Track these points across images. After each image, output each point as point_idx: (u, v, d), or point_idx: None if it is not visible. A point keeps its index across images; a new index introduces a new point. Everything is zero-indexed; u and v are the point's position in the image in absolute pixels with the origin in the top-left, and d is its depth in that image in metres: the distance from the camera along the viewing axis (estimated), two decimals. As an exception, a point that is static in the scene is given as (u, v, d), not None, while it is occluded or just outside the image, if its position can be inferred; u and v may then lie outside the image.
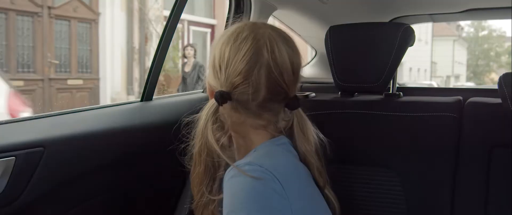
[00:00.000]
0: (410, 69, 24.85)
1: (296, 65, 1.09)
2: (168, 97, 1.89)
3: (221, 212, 1.04)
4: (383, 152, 1.57)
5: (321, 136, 1.17)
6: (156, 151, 1.65)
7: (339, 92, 1.77)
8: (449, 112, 1.53)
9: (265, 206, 0.97)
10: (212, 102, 1.09)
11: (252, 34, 1.07)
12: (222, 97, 1.06)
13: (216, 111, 1.09)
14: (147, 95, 1.69)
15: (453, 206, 1.48)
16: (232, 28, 1.12)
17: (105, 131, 1.48)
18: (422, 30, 25.57)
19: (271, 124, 1.11)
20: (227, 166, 1.07)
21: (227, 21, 1.94)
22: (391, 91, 1.73)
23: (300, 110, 1.13)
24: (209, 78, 1.13)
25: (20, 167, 1.23)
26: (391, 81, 1.68)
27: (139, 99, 1.71)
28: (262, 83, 1.05)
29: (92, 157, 1.43)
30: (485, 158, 1.46)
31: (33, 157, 1.27)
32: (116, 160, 1.51)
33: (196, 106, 1.81)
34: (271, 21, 1.98)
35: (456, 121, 1.52)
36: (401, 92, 1.72)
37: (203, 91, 1.98)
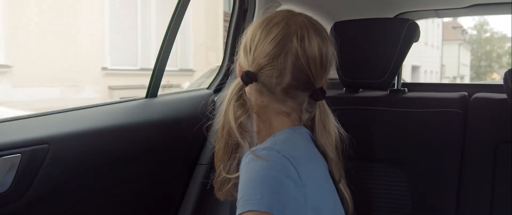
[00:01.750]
0: (425, 71, 27.06)
1: (325, 57, 1.10)
2: (173, 94, 1.89)
3: (237, 192, 1.05)
4: (388, 147, 1.56)
5: (342, 130, 1.17)
6: (161, 147, 1.65)
7: (344, 89, 1.76)
8: (454, 108, 1.52)
9: (279, 192, 0.97)
10: (237, 81, 1.11)
11: (285, 20, 1.09)
12: (247, 77, 1.09)
13: (240, 90, 1.10)
14: (152, 92, 1.69)
15: (459, 201, 1.48)
16: (267, 14, 1.15)
17: (110, 127, 1.49)
18: (434, 36, 28.52)
19: (294, 113, 1.12)
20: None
21: (231, 17, 1.94)
22: (396, 87, 1.72)
23: (324, 102, 1.14)
24: (240, 59, 1.16)
25: (26, 164, 1.24)
26: (396, 77, 1.68)
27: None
28: (288, 68, 1.07)
29: (97, 153, 1.44)
30: (491, 153, 1.46)
31: (38, 154, 1.27)
32: (121, 156, 1.51)
33: (200, 103, 1.83)
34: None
35: (461, 116, 1.51)
36: (406, 88, 1.72)
37: (208, 88, 1.97)
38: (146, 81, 1.71)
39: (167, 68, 1.70)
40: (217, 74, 2.00)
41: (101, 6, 8.83)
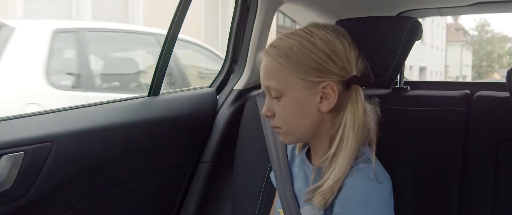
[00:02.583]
0: (431, 72, 28.72)
1: None
2: (176, 92, 1.89)
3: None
4: (389, 146, 1.56)
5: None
6: (164, 145, 1.65)
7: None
8: (457, 106, 1.52)
9: (389, 211, 1.06)
10: (358, 90, 1.15)
11: (330, 25, 1.19)
12: (359, 82, 1.15)
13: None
14: (154, 90, 1.69)
15: (461, 199, 1.47)
16: (307, 27, 1.17)
17: (113, 125, 1.49)
18: (439, 38, 30.56)
19: None
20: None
21: (233, 16, 1.93)
22: (398, 86, 1.72)
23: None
24: (328, 75, 1.13)
25: (29, 162, 1.24)
26: (398, 75, 1.68)
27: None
28: (361, 64, 1.17)
29: (100, 152, 1.44)
30: (493, 151, 1.45)
31: (41, 152, 1.27)
32: (123, 154, 1.51)
33: (202, 101, 1.83)
34: (276, 16, 1.97)
35: (463, 114, 1.51)
36: (408, 87, 1.72)
37: (210, 86, 1.97)
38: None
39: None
40: (219, 72, 2.00)
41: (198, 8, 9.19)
